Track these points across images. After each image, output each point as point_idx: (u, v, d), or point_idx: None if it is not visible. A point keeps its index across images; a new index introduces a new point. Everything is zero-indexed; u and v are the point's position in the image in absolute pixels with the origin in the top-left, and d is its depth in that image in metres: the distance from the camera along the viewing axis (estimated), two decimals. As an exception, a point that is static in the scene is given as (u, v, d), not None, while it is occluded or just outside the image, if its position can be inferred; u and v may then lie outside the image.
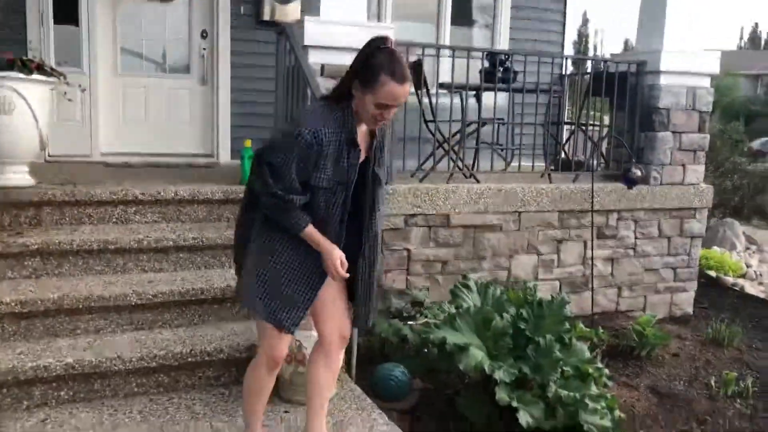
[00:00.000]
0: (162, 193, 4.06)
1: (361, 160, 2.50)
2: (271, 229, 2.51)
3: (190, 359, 3.26)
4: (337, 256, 2.49)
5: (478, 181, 4.88)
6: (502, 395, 3.22)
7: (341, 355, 2.81)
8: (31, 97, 3.84)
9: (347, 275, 2.53)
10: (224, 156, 6.15)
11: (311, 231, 2.47)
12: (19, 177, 3.93)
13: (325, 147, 2.38)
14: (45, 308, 3.29)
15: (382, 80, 2.33)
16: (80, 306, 3.36)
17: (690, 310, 5.73)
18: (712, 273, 7.07)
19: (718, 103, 11.56)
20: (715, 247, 8.29)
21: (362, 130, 2.51)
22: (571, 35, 21.43)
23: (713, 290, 6.61)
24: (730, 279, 6.97)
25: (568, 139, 5.92)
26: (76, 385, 3.13)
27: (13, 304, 3.24)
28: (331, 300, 2.66)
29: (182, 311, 3.56)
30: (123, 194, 3.97)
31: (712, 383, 4.26)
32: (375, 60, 2.35)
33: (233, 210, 4.21)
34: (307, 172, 2.40)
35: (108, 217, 3.97)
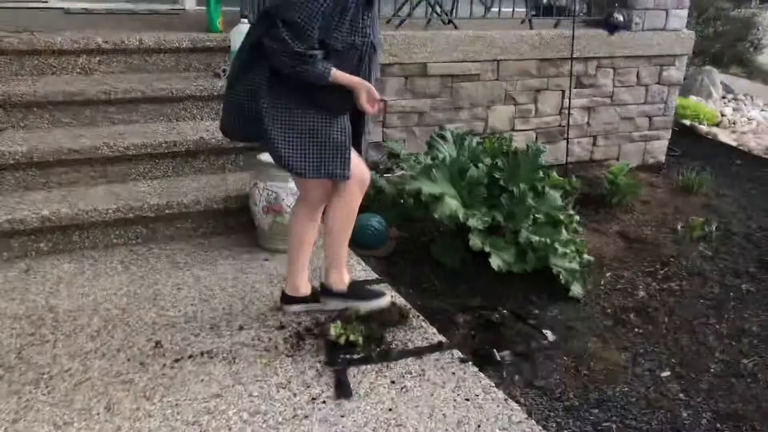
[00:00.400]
0: (126, 42, 3.87)
1: None
2: (285, 91, 2.39)
3: (167, 211, 3.28)
4: (370, 86, 2.47)
5: (456, 28, 4.72)
6: (475, 241, 3.32)
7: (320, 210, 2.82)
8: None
9: (375, 111, 2.55)
10: (189, 2, 5.83)
11: (338, 74, 2.36)
12: (-28, 24, 3.71)
13: (350, 3, 2.26)
14: (15, 161, 3.24)
15: None
16: (51, 159, 3.30)
17: (663, 158, 5.81)
18: (687, 122, 7.11)
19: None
20: (692, 96, 8.27)
21: None
22: None
23: (687, 139, 6.68)
24: (704, 128, 7.02)
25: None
26: (54, 237, 3.15)
27: (-20, 157, 3.18)
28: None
29: (156, 164, 3.53)
30: (85, 43, 3.79)
31: (679, 228, 4.41)
32: None
33: (202, 59, 4.06)
34: (323, 31, 2.27)
35: (71, 67, 3.81)
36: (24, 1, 5.29)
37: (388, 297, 2.76)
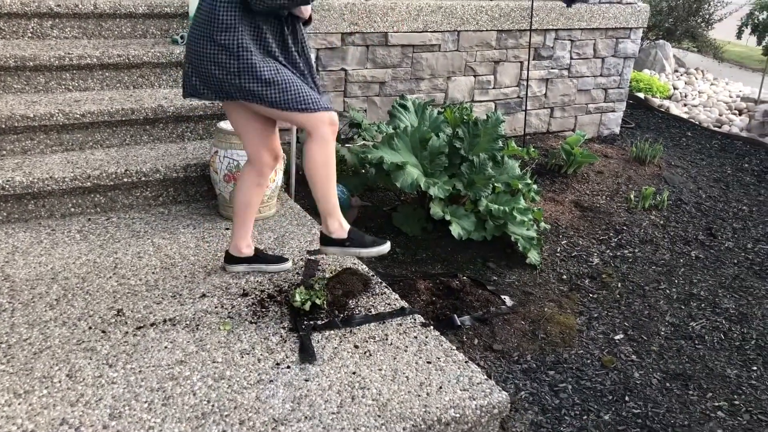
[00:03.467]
0: (80, 6, 3.77)
1: None
2: (236, 39, 2.36)
3: (125, 179, 3.23)
4: None
5: (416, -3, 4.71)
6: (436, 210, 3.36)
7: (270, 175, 2.81)
8: None
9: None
10: (145, -34, 5.68)
11: None
12: None
13: None
14: (-35, 129, 3.15)
15: None
16: (3, 126, 3.21)
17: (617, 130, 5.95)
18: (641, 95, 7.27)
19: None
20: (646, 70, 8.45)
21: None
22: None
23: (641, 111, 6.84)
24: (657, 100, 7.19)
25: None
26: (8, 206, 3.08)
27: (-71, 124, 3.07)
28: (264, 121, 2.61)
29: (113, 131, 3.47)
30: (36, 6, 3.67)
31: (632, 197, 4.54)
32: None
33: (159, 25, 3.98)
34: None
35: (22, 31, 3.69)
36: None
37: (389, 244, 2.74)
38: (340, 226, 2.67)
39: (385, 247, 2.68)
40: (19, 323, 2.42)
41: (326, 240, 2.71)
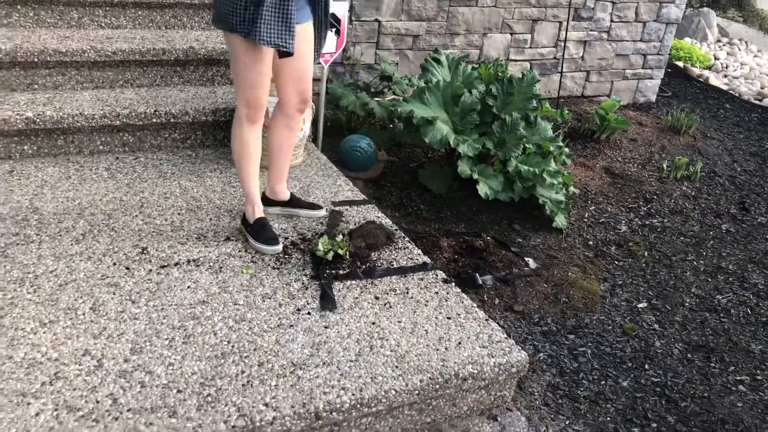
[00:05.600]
0: (114, -58, 3.71)
1: None
2: None
3: (154, 120, 3.22)
4: None
5: (456, -51, 4.58)
6: (464, 168, 3.32)
7: (301, 118, 2.79)
8: None
9: None
10: None
11: None
12: None
13: None
14: (-2, 60, 3.14)
15: None
16: (35, 60, 3.21)
17: (653, 98, 5.80)
18: (681, 64, 7.06)
19: None
20: (687, 38, 8.19)
21: None
22: None
23: (679, 80, 6.66)
24: (696, 70, 6.98)
25: None
26: (38, 140, 3.10)
27: (-38, 53, 3.07)
28: (290, 61, 2.56)
29: (144, 71, 3.45)
30: (71, -60, 3.62)
31: (664, 167, 4.44)
32: None
33: (194, -35, 3.91)
34: None
35: (56, -35, 3.65)
36: None
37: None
38: (251, 213, 2.69)
39: (270, 249, 2.63)
40: (46, 255, 2.45)
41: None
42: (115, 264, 2.45)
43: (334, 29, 3.43)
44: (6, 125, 2.98)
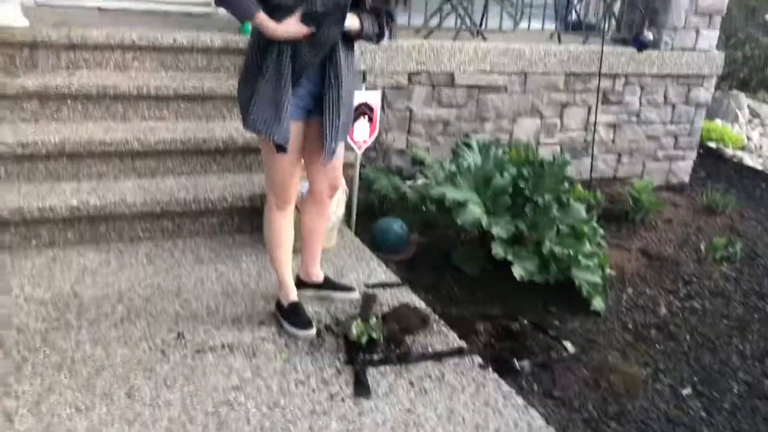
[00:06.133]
0: (160, 40, 3.93)
1: None
2: (254, 51, 2.42)
3: (193, 206, 3.31)
4: (292, 23, 2.29)
5: (485, 39, 4.74)
6: (498, 250, 3.31)
7: (330, 204, 2.85)
8: (18, -70, 3.62)
9: (307, 30, 2.31)
10: (222, 5, 5.90)
11: (262, 17, 2.28)
12: (12, 15, 3.77)
13: None
14: (46, 151, 3.29)
15: None
16: (82, 151, 3.35)
17: (687, 179, 5.78)
18: (713, 144, 7.06)
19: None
20: (718, 120, 8.22)
21: None
22: None
23: (712, 161, 6.63)
24: (729, 151, 6.97)
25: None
26: (81, 227, 3.20)
27: (15, 145, 3.23)
28: (318, 152, 2.58)
29: (184, 160, 3.57)
30: (120, 38, 3.85)
31: (702, 248, 4.37)
32: None
33: (233, 60, 4.11)
34: None
35: (105, 62, 3.87)
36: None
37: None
38: (285, 297, 2.75)
39: (304, 333, 2.64)
40: (84, 340, 2.48)
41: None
42: (151, 348, 2.47)
43: (367, 117, 3.54)
44: (52, 213, 3.09)
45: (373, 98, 3.53)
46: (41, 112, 3.55)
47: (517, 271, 3.27)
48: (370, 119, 3.54)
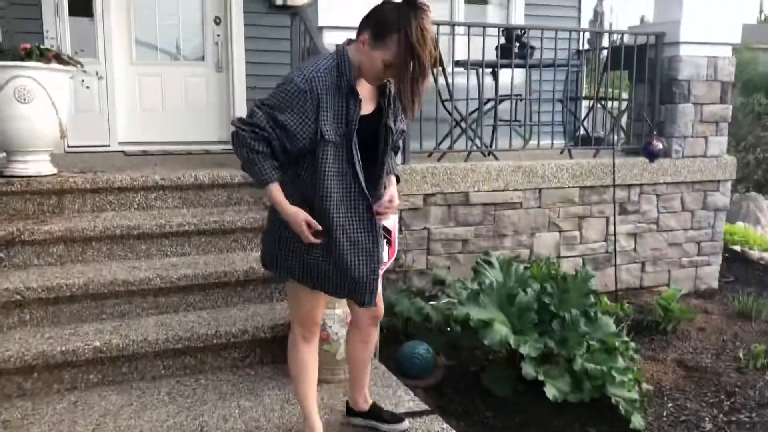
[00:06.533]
0: (182, 179, 4.07)
1: (367, 112, 2.36)
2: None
3: (215, 341, 3.28)
4: (301, 220, 2.31)
5: (496, 159, 4.85)
6: (528, 370, 3.21)
7: (376, 332, 2.82)
8: (49, 86, 3.86)
9: (316, 241, 2.34)
10: (242, 142, 6.15)
11: (275, 190, 2.33)
12: (41, 165, 3.96)
13: (321, 94, 2.25)
14: (71, 293, 3.32)
15: (397, 39, 2.16)
16: (105, 291, 3.38)
17: (715, 284, 5.66)
18: (737, 248, 6.98)
19: (738, 77, 11.36)
20: (740, 222, 8.18)
21: (365, 83, 2.36)
22: (587, 15, 21.06)
23: (738, 265, 6.52)
24: (755, 253, 6.87)
25: (587, 115, 5.85)
26: (104, 368, 3.16)
27: (40, 290, 3.27)
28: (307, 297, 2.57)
29: (206, 294, 3.58)
30: (143, 180, 3.99)
31: (741, 356, 4.20)
32: (396, 14, 2.17)
33: (252, 193, 4.22)
34: (308, 124, 2.26)
35: (129, 203, 3.99)
36: (89, 146, 5.67)
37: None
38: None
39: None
40: (104, 489, 2.38)
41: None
42: (172, 495, 2.36)
43: (385, 240, 3.56)
44: (74, 356, 3.08)
45: (391, 221, 3.57)
46: (67, 255, 3.62)
47: (550, 392, 3.15)
48: (389, 242, 3.56)
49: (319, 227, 2.33)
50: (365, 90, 2.37)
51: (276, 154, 2.32)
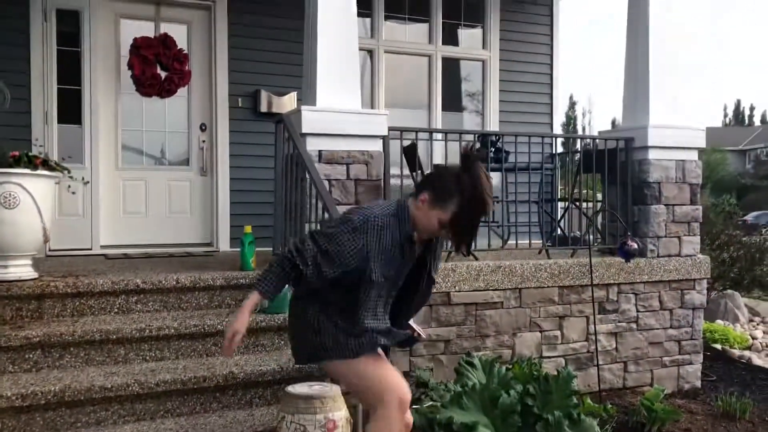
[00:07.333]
0: (163, 282, 4.08)
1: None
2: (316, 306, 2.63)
3: (192, 451, 3.20)
4: (236, 330, 2.62)
5: (476, 259, 4.92)
6: (514, 476, 3.15)
7: (408, 416, 2.81)
8: (35, 192, 3.92)
9: (231, 350, 2.66)
10: (224, 244, 6.21)
11: (253, 298, 2.59)
12: (22, 270, 3.96)
13: (376, 237, 2.46)
14: (46, 401, 3.25)
15: (456, 201, 2.43)
16: (81, 398, 3.31)
17: (698, 383, 5.65)
18: (718, 346, 7.01)
19: (708, 178, 11.79)
20: (719, 320, 8.24)
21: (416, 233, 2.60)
22: (559, 118, 21.98)
23: (720, 363, 6.53)
24: (736, 351, 6.90)
25: (562, 216, 6.01)
26: (76, 480, 3.06)
27: (13, 398, 3.19)
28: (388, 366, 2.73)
29: (184, 400, 3.51)
30: (124, 284, 4.00)
31: (728, 457, 4.15)
32: (456, 181, 2.44)
33: (234, 295, 4.23)
34: (356, 261, 2.47)
35: (109, 307, 3.97)
36: (71, 250, 5.68)
37: None
38: None
39: None
40: None
41: None
42: None
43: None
44: (45, 468, 2.98)
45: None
46: (44, 361, 3.56)
47: (536, 498, 3.08)
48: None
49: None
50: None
51: (307, 278, 2.53)
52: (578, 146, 6.30)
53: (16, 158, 3.89)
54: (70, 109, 5.86)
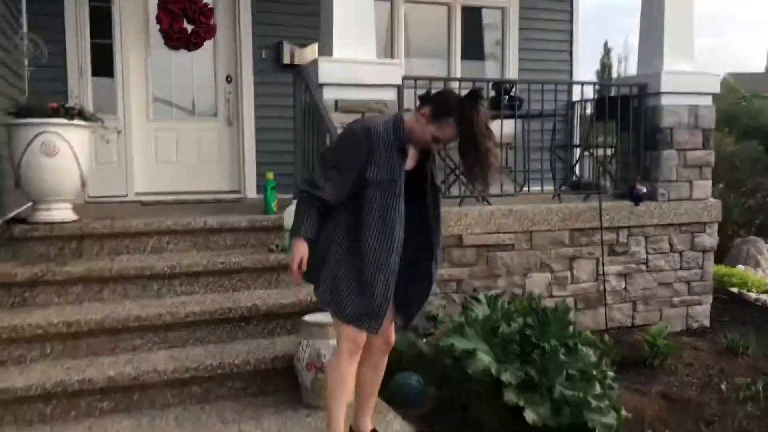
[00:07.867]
0: (192, 224, 4.40)
1: (409, 168, 2.78)
2: (337, 241, 2.79)
3: (219, 371, 3.54)
4: (298, 254, 2.78)
5: (489, 204, 5.13)
6: (509, 396, 3.43)
7: (386, 359, 3.08)
8: (73, 141, 4.23)
9: (296, 276, 2.83)
10: (251, 191, 6.51)
11: (300, 243, 2.77)
12: (63, 213, 4.30)
13: (375, 144, 2.67)
14: (88, 329, 3.61)
15: (451, 123, 2.63)
16: (119, 326, 3.67)
17: (707, 322, 5.83)
18: (735, 290, 7.14)
19: (748, 125, 11.66)
20: (740, 265, 8.33)
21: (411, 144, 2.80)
22: (594, 67, 21.74)
23: (735, 306, 6.66)
24: (753, 294, 7.02)
25: (576, 162, 6.14)
26: (117, 396, 3.43)
27: (60, 325, 3.56)
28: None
29: (212, 329, 3.85)
30: (157, 226, 4.32)
31: (724, 389, 4.37)
32: (463, 108, 2.62)
33: (258, 237, 4.53)
34: (359, 165, 2.68)
35: (143, 246, 4.31)
36: (107, 196, 6.04)
37: None
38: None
39: None
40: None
41: None
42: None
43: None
44: (90, 385, 3.35)
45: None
46: (84, 294, 3.92)
47: (530, 416, 3.36)
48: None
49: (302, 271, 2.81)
50: (410, 151, 2.81)
51: (329, 204, 2.76)
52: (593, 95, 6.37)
53: (54, 109, 4.19)
54: (103, 63, 6.14)
